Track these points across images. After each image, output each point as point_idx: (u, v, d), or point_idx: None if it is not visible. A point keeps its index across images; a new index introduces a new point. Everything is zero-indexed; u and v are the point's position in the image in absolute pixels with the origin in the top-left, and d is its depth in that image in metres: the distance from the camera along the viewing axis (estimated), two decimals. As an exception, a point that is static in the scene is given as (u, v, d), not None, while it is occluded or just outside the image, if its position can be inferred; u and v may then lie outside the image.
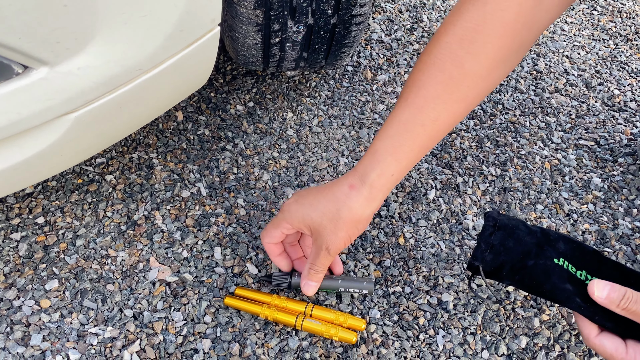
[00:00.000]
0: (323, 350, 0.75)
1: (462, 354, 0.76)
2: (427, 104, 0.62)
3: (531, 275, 0.61)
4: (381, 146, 0.65)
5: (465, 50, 0.60)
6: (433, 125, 0.63)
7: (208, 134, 1.03)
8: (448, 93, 0.62)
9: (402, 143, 0.64)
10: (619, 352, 0.56)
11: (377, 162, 0.65)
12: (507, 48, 0.61)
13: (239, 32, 0.86)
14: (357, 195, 0.66)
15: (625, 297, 0.55)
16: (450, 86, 0.62)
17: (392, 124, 0.65)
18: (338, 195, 0.67)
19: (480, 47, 0.60)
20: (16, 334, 0.74)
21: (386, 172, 0.65)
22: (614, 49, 1.34)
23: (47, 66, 0.53)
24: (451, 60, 0.61)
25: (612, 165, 1.04)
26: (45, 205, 0.89)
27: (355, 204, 0.66)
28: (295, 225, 0.71)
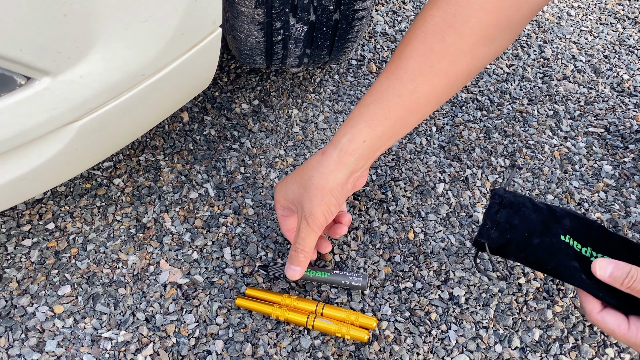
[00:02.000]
0: (335, 348, 0.75)
1: (475, 348, 0.75)
2: (406, 75, 0.62)
3: (536, 253, 0.61)
4: (357, 114, 0.65)
5: (447, 23, 0.60)
6: (411, 97, 0.63)
7: (214, 134, 1.03)
8: (428, 65, 0.61)
9: (377, 111, 0.64)
10: (621, 328, 0.55)
11: (350, 127, 0.65)
12: (492, 26, 0.60)
13: (241, 32, 0.86)
14: (327, 160, 0.66)
15: (630, 275, 0.54)
16: (431, 58, 0.61)
17: (370, 94, 0.65)
18: (312, 163, 0.68)
19: (463, 22, 0.59)
20: (31, 340, 0.75)
21: (357, 138, 0.65)
22: (622, 33, 1.32)
23: (49, 76, 0.53)
24: (433, 33, 0.61)
25: (622, 152, 1.02)
26: (55, 211, 0.89)
27: (326, 169, 0.66)
28: (284, 203, 0.72)
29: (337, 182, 0.67)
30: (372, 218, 0.90)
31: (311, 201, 0.67)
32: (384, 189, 0.94)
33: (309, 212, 0.67)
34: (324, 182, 0.66)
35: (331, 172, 0.66)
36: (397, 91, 0.63)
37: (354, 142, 0.65)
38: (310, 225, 0.68)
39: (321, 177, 0.66)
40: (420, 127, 1.05)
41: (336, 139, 0.66)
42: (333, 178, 0.66)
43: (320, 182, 0.66)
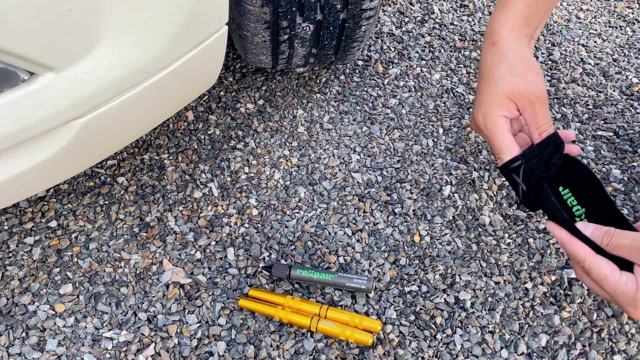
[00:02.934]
0: (339, 351, 0.74)
1: (481, 353, 0.74)
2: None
3: (537, 186, 0.62)
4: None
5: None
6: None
7: (219, 133, 1.02)
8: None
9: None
10: (614, 274, 0.54)
11: (508, 10, 0.65)
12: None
13: (247, 30, 0.85)
14: (506, 43, 0.65)
15: (608, 232, 0.55)
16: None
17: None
18: (494, 58, 0.66)
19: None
20: (32, 339, 0.74)
21: (519, 17, 0.65)
22: (632, 36, 1.31)
23: (53, 72, 0.52)
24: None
25: (631, 156, 1.01)
26: (57, 209, 0.88)
27: (512, 47, 0.65)
28: (502, 110, 0.66)
29: (528, 52, 0.66)
30: (377, 220, 0.89)
31: (526, 78, 0.64)
32: (390, 191, 0.93)
33: (534, 85, 0.64)
34: (521, 57, 0.65)
35: (518, 48, 0.66)
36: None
37: (518, 21, 0.65)
38: (542, 96, 0.64)
39: (515, 54, 0.65)
40: (427, 129, 1.04)
41: (499, 25, 0.66)
42: (523, 50, 0.66)
43: (518, 58, 0.65)
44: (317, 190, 0.93)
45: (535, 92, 0.63)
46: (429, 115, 1.08)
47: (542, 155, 0.64)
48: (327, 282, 0.78)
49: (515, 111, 0.65)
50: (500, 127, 0.65)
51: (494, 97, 0.65)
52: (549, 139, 0.65)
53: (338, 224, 0.88)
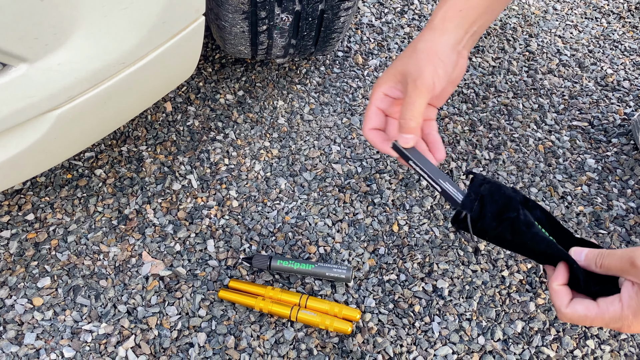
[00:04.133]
0: (319, 340, 0.74)
1: (459, 340, 0.76)
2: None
3: (513, 225, 0.62)
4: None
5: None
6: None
7: (198, 124, 1.01)
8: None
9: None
10: (590, 310, 0.57)
11: (445, 2, 0.67)
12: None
13: (226, 21, 0.84)
14: (428, 30, 0.67)
15: (600, 254, 0.57)
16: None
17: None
18: (414, 41, 0.68)
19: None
20: (9, 333, 0.73)
21: (453, 8, 0.67)
22: (607, 28, 1.33)
23: (26, 63, 0.52)
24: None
25: (605, 146, 1.03)
26: (34, 202, 0.87)
27: (429, 36, 0.67)
28: (384, 86, 0.67)
29: (444, 46, 0.67)
30: (357, 210, 0.89)
31: (419, 64, 0.65)
32: (369, 182, 0.94)
33: (418, 74, 0.65)
34: (430, 46, 0.66)
35: (434, 39, 0.67)
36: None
37: (451, 11, 0.67)
38: (419, 87, 0.64)
39: (425, 42, 0.67)
40: (406, 120, 1.05)
41: (434, 15, 0.68)
42: (438, 41, 0.67)
43: (427, 45, 0.66)
44: (298, 181, 0.93)
45: (413, 77, 0.64)
46: (408, 106, 1.08)
47: (478, 192, 0.64)
48: (307, 272, 0.79)
49: (398, 92, 0.67)
50: (374, 99, 0.67)
51: (385, 73, 0.67)
52: (474, 181, 0.66)
53: (318, 215, 0.88)
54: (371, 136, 0.69)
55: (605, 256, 0.57)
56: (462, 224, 0.65)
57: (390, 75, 0.67)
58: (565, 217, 0.91)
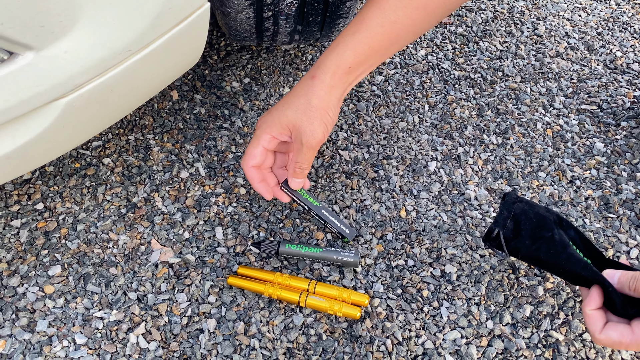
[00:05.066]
0: (328, 325, 0.75)
1: (467, 324, 0.76)
2: (388, 7, 0.67)
3: (548, 245, 0.62)
4: (341, 41, 0.70)
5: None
6: (392, 28, 0.68)
7: (204, 112, 1.01)
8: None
9: (361, 39, 0.69)
10: (624, 336, 0.57)
11: (336, 54, 0.70)
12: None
13: (231, 7, 0.84)
14: (320, 83, 0.71)
15: (634, 278, 0.59)
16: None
17: (354, 22, 0.70)
18: (304, 87, 0.72)
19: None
20: (22, 320, 0.74)
21: (344, 63, 0.70)
22: (616, 10, 1.31)
23: (32, 51, 0.52)
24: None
25: (614, 130, 1.02)
26: (44, 191, 0.88)
27: (320, 91, 0.70)
28: (275, 132, 0.73)
29: (333, 102, 0.72)
30: (365, 196, 0.89)
31: (312, 123, 0.70)
32: (377, 168, 0.93)
33: (311, 133, 0.71)
34: (322, 103, 0.71)
35: (326, 94, 0.71)
36: (379, 21, 0.68)
37: (341, 68, 0.70)
38: (313, 145, 0.72)
39: (318, 99, 0.71)
40: (413, 105, 1.05)
41: (324, 64, 0.71)
42: (329, 98, 0.71)
43: (319, 103, 0.71)
44: (304, 168, 0.93)
45: (308, 138, 0.71)
46: (415, 91, 1.08)
47: (511, 210, 0.65)
48: (315, 257, 0.79)
49: (288, 137, 0.74)
50: (261, 139, 0.74)
51: (278, 117, 0.72)
52: (507, 199, 0.66)
53: (326, 201, 0.88)
54: (251, 173, 0.77)
55: (639, 280, 0.58)
56: (494, 242, 0.65)
57: (282, 124, 0.72)
58: (574, 201, 0.90)
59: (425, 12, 0.67)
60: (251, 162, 0.75)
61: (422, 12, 0.67)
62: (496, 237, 0.64)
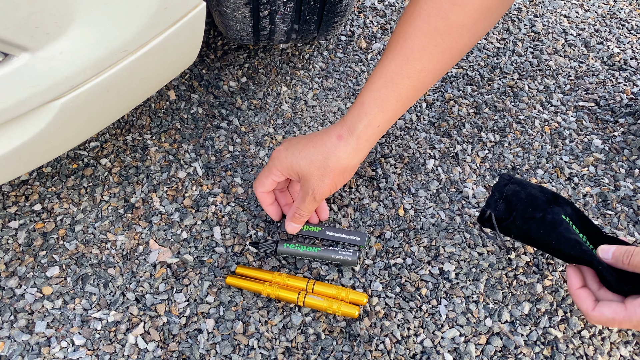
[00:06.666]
0: (326, 324, 0.75)
1: (466, 322, 0.76)
2: (412, 56, 0.64)
3: (539, 225, 0.63)
4: (368, 98, 0.67)
5: (450, 1, 0.60)
6: (419, 77, 0.65)
7: (202, 112, 1.01)
8: (433, 45, 0.63)
9: (389, 95, 0.66)
10: (618, 313, 0.57)
11: (365, 113, 0.67)
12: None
13: (227, 6, 0.84)
14: (345, 146, 0.69)
15: (628, 251, 0.58)
16: (436, 38, 0.62)
17: (379, 76, 0.66)
18: (327, 144, 0.70)
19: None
20: (20, 322, 0.74)
21: (373, 124, 0.67)
22: (613, 6, 1.31)
23: (27, 52, 0.52)
24: (436, 12, 0.61)
25: (612, 126, 1.02)
26: (41, 192, 0.88)
27: (343, 154, 0.69)
28: (285, 172, 0.74)
29: (352, 166, 0.71)
30: (363, 195, 0.89)
31: (322, 180, 0.70)
32: (374, 166, 0.93)
33: (318, 189, 0.71)
34: (339, 166, 0.69)
35: (348, 158, 0.69)
36: (405, 73, 0.65)
37: (370, 129, 0.68)
38: (317, 199, 0.72)
39: (337, 161, 0.69)
40: (411, 103, 1.05)
41: (352, 124, 0.69)
42: (349, 162, 0.70)
43: (337, 165, 0.69)
44: (302, 167, 0.93)
45: (314, 191, 0.71)
46: (413, 89, 1.07)
47: (503, 192, 0.66)
48: (313, 256, 0.79)
49: (290, 177, 0.74)
50: (272, 172, 0.75)
51: (291, 161, 0.72)
52: (499, 180, 0.67)
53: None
54: (261, 197, 0.79)
55: (634, 254, 0.58)
56: (487, 222, 0.66)
57: (294, 170, 0.72)
58: (572, 198, 0.90)
59: (450, 55, 0.65)
60: (261, 189, 0.77)
61: (448, 55, 0.65)
62: (489, 218, 0.65)
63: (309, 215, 0.76)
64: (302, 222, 0.78)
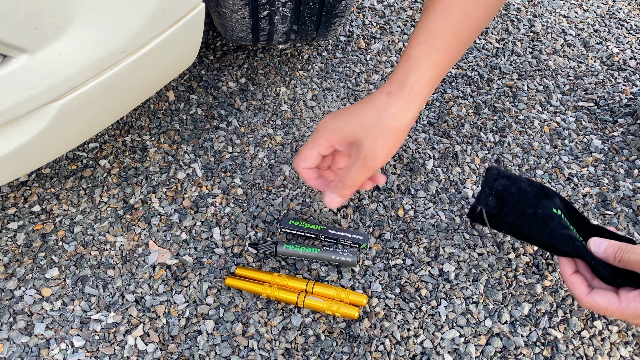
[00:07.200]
0: (326, 326, 0.75)
1: (465, 323, 0.76)
2: (453, 7, 0.62)
3: (531, 221, 0.62)
4: (414, 52, 0.64)
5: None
6: (461, 28, 0.63)
7: (201, 113, 1.01)
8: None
9: (434, 47, 0.63)
10: (611, 303, 0.57)
11: (413, 67, 0.64)
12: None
13: (226, 7, 0.84)
14: (396, 101, 0.64)
15: (620, 249, 0.58)
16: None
17: (422, 30, 0.64)
18: (377, 104, 0.65)
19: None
20: (19, 323, 0.74)
21: (423, 77, 0.64)
22: (612, 6, 1.31)
23: (26, 54, 0.52)
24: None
25: (612, 126, 1.02)
26: (40, 194, 0.88)
27: (395, 110, 0.64)
28: (334, 140, 0.67)
29: (406, 123, 0.65)
30: (362, 196, 0.89)
31: (375, 142, 0.64)
32: (374, 167, 0.93)
33: (371, 153, 0.64)
34: (393, 123, 0.64)
35: (400, 114, 0.64)
36: (449, 25, 0.63)
37: (420, 82, 0.64)
38: (368, 166, 0.65)
39: (390, 118, 0.64)
40: (410, 104, 1.04)
41: (401, 79, 0.64)
42: (402, 119, 0.64)
43: (390, 123, 0.64)
44: (302, 167, 0.93)
45: (370, 164, 0.64)
46: (412, 90, 1.07)
47: (493, 187, 0.64)
48: (313, 257, 0.79)
49: (344, 149, 0.67)
50: (318, 143, 0.67)
51: (339, 126, 0.66)
52: (488, 175, 0.66)
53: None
54: (305, 174, 0.71)
55: (625, 251, 0.58)
56: (478, 218, 0.65)
57: (344, 135, 0.66)
58: (572, 198, 0.90)
59: (486, 10, 0.63)
60: (304, 164, 0.70)
61: (485, 10, 0.63)
62: (479, 214, 0.64)
63: (354, 186, 0.67)
64: (344, 194, 0.68)
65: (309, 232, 0.81)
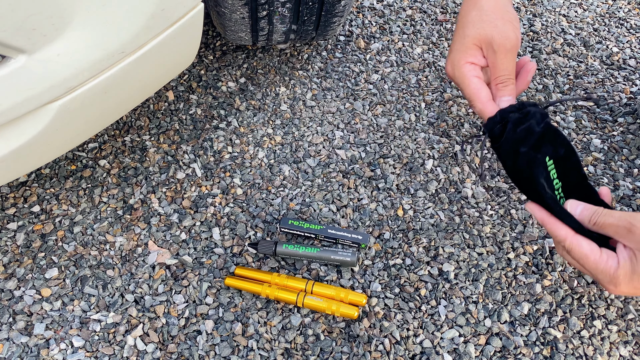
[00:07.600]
0: (326, 325, 0.75)
1: (465, 323, 0.76)
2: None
3: (517, 159, 0.61)
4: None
5: None
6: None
7: (200, 113, 1.01)
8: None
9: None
10: (594, 252, 0.55)
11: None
12: None
13: (225, 7, 0.84)
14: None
15: (595, 212, 0.56)
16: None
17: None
18: (468, 4, 0.66)
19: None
20: (19, 323, 0.74)
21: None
22: (612, 5, 1.31)
23: (25, 54, 0.52)
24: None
25: (611, 126, 1.02)
26: (40, 194, 0.88)
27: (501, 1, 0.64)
28: (469, 56, 0.65)
29: (504, 1, 0.65)
30: (362, 195, 0.89)
31: (495, 25, 0.64)
32: (373, 167, 0.93)
33: (499, 34, 0.63)
34: (494, 4, 0.64)
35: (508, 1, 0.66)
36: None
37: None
38: (506, 46, 0.64)
39: (488, 2, 0.64)
40: (409, 103, 1.04)
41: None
42: (509, 4, 0.66)
43: (492, 5, 0.64)
44: (302, 167, 0.93)
45: (499, 41, 0.63)
46: (411, 89, 1.07)
47: (505, 118, 0.63)
48: (312, 256, 0.79)
49: (483, 58, 0.65)
50: (468, 74, 0.65)
51: (461, 44, 0.65)
52: (509, 107, 0.64)
53: (323, 201, 0.88)
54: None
55: (601, 215, 0.56)
56: (478, 140, 0.64)
57: (469, 45, 0.65)
58: (571, 198, 0.90)
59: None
60: (481, 98, 0.65)
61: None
62: (483, 134, 0.64)
63: (510, 75, 0.65)
64: (510, 88, 0.65)
65: (308, 232, 0.81)
